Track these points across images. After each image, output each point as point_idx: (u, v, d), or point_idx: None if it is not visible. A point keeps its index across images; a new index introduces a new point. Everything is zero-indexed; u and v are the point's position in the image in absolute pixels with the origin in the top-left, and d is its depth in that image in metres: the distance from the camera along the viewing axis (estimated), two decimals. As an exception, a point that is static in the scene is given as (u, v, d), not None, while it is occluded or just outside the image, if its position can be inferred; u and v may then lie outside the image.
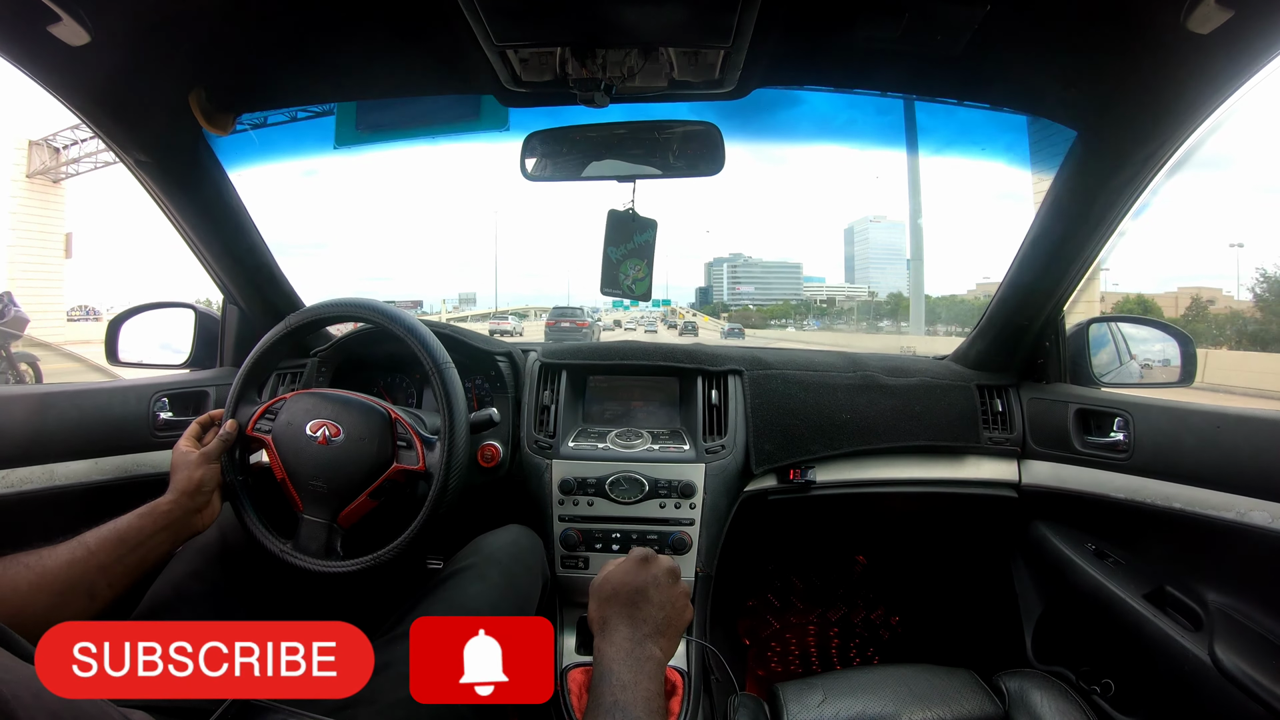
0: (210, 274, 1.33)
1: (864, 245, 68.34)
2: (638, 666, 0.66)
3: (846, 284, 63.07)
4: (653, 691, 0.64)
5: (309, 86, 1.07)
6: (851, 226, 70.02)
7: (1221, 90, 0.83)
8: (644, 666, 0.67)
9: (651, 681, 0.65)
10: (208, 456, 0.88)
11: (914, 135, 15.48)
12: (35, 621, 0.68)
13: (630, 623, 0.71)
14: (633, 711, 0.61)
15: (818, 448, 1.31)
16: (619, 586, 0.74)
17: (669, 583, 0.76)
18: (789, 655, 1.80)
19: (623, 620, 0.71)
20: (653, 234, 1.20)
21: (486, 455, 1.26)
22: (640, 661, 0.67)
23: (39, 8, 0.72)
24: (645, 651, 0.68)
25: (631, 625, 0.71)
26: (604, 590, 0.75)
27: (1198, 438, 1.00)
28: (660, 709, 0.64)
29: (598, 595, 0.75)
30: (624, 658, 0.67)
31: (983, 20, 0.82)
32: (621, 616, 0.72)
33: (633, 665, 0.66)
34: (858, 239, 69.81)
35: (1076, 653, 1.27)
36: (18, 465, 1.04)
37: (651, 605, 0.72)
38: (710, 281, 75.20)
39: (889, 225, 67.37)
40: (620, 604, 0.73)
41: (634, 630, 0.70)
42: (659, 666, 0.68)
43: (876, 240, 66.73)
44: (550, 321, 19.88)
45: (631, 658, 0.67)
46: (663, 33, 0.89)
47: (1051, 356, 1.34)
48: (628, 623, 0.71)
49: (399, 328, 0.96)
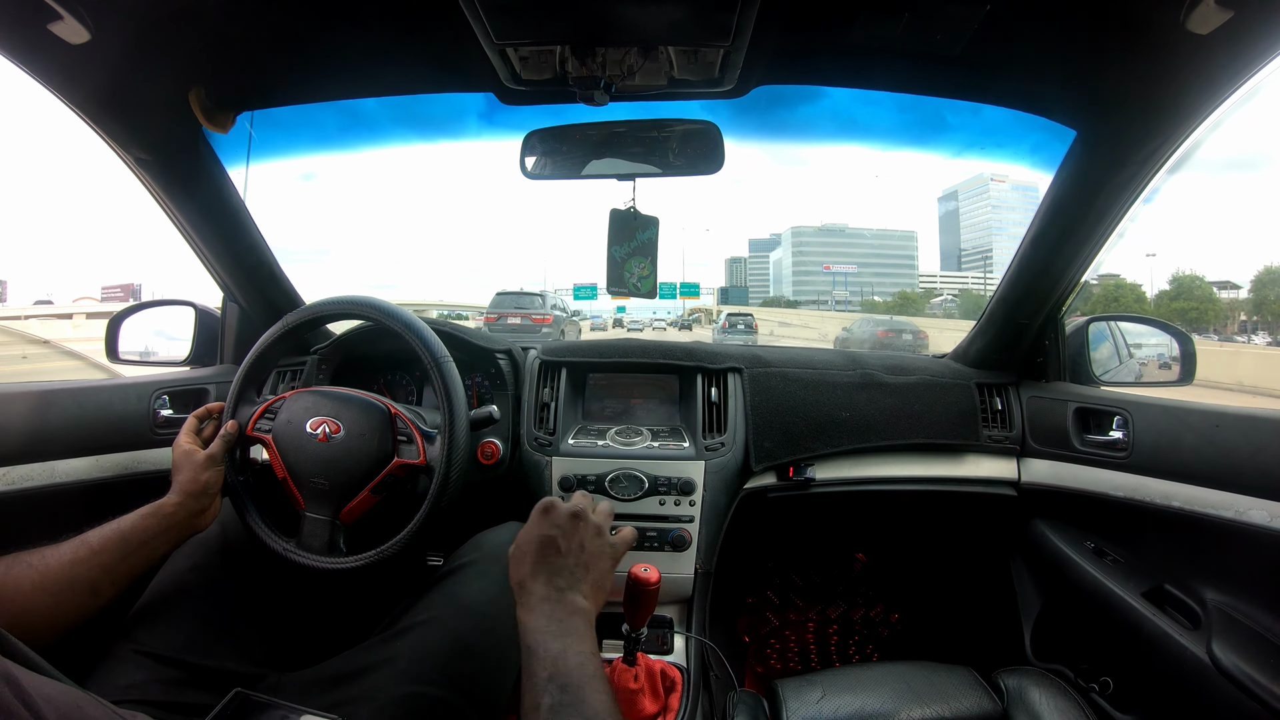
0: (210, 272, 1.34)
1: (978, 213, 51.84)
2: (563, 627, 0.61)
3: (940, 271, 47.69)
4: (586, 652, 0.59)
5: (309, 85, 1.07)
6: (955, 190, 53.31)
7: (1221, 90, 0.83)
8: (570, 624, 0.61)
9: (582, 641, 0.60)
10: (213, 459, 0.88)
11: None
12: (39, 619, 0.68)
13: (545, 579, 0.65)
14: (572, 679, 0.56)
15: (817, 445, 1.32)
16: (523, 544, 0.69)
17: (573, 527, 0.70)
18: (788, 652, 1.80)
19: (537, 579, 0.65)
20: (655, 231, 1.20)
21: (486, 452, 1.26)
22: (564, 620, 0.62)
23: (40, 6, 0.72)
24: (567, 605, 0.63)
25: (547, 581, 0.65)
26: (514, 555, 0.69)
27: (1197, 436, 1.00)
28: (598, 670, 0.58)
29: (510, 562, 0.70)
30: (546, 623, 0.61)
31: (982, 19, 0.82)
32: (534, 575, 0.66)
33: (558, 628, 0.61)
34: (964, 205, 53.73)
35: (1075, 650, 1.28)
36: (19, 462, 1.04)
37: (561, 554, 0.67)
38: (733, 280, 64.01)
39: (1018, 187, 48.71)
40: (530, 562, 0.67)
41: (549, 586, 0.65)
42: (587, 620, 0.63)
43: (1003, 203, 48.85)
44: (489, 317, 13.30)
45: (554, 619, 0.61)
46: (662, 31, 0.89)
47: (1051, 355, 1.35)
48: (543, 580, 0.65)
49: (397, 324, 0.96)
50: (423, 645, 0.80)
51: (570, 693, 0.54)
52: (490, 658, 0.83)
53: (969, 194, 56.47)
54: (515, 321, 12.84)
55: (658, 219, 1.20)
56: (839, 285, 56.35)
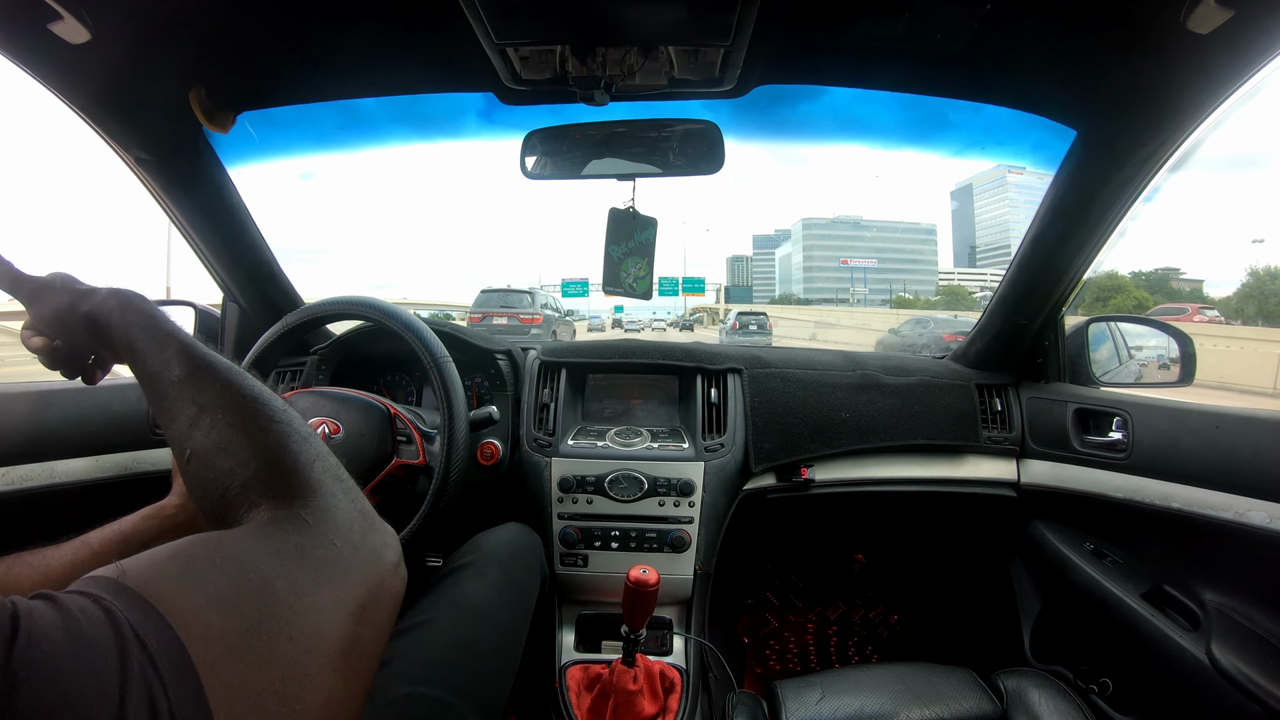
0: (210, 272, 1.33)
1: (993, 208, 48.61)
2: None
3: (956, 268, 44.60)
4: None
5: (309, 84, 1.07)
6: (969, 184, 49.85)
7: (1221, 90, 0.83)
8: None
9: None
10: None
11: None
12: None
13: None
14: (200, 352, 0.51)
15: (817, 446, 1.32)
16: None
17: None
18: (787, 653, 1.80)
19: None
20: (653, 232, 1.20)
21: (486, 453, 1.26)
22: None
23: (40, 6, 0.72)
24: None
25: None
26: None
27: (1196, 437, 1.00)
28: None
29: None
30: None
31: (983, 19, 0.82)
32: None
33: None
34: (979, 200, 50.29)
35: (1074, 652, 1.27)
36: (18, 463, 1.04)
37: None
38: (735, 280, 61.32)
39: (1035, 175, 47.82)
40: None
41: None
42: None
43: (1023, 192, 46.07)
44: (473, 317, 12.08)
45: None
46: (662, 31, 0.89)
47: (1051, 356, 1.35)
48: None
49: (397, 324, 0.97)
50: (422, 646, 0.80)
51: (199, 358, 0.51)
52: (489, 659, 0.83)
53: (984, 188, 54.29)
54: (501, 322, 12.13)
55: (656, 220, 1.20)
56: (858, 281, 53.57)
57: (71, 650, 0.26)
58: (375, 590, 0.41)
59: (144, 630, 0.28)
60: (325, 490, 0.45)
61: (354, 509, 0.45)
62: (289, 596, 0.35)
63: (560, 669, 1.14)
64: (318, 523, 0.41)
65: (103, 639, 0.27)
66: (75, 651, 0.26)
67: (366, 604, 0.40)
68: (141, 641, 0.28)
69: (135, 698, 0.26)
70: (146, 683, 0.27)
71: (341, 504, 0.44)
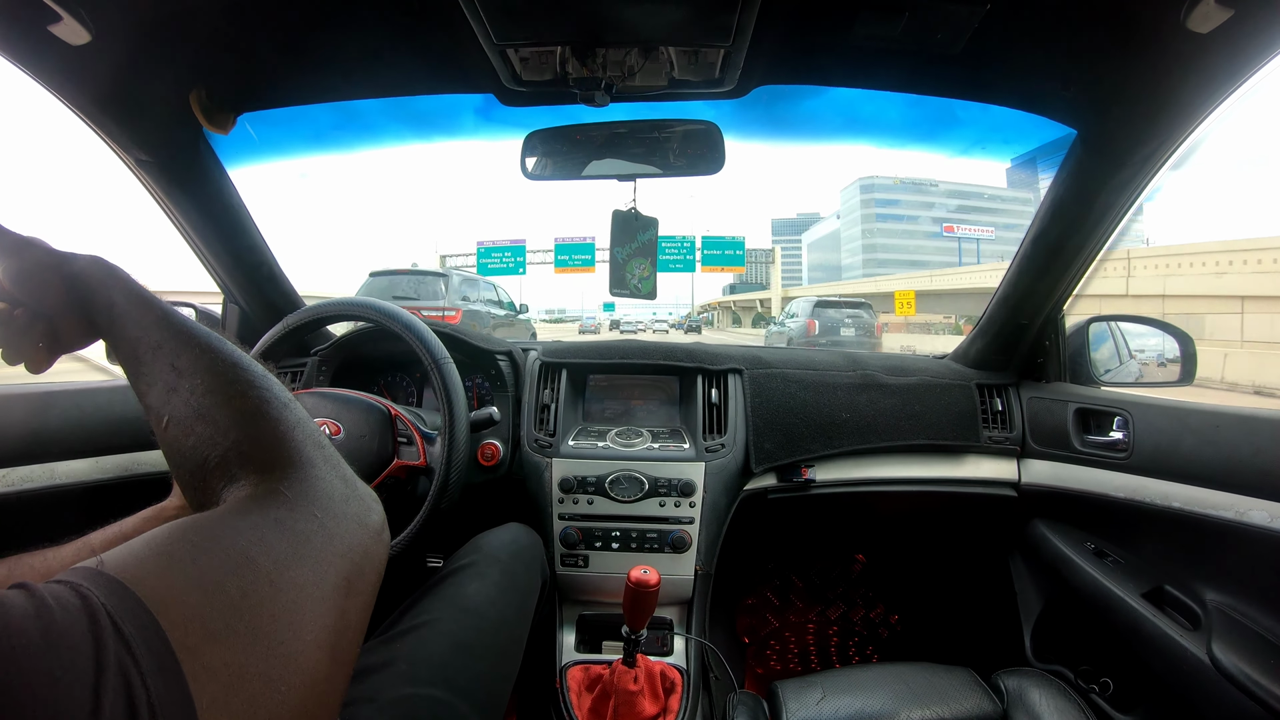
0: (210, 272, 1.34)
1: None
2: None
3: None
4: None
5: (309, 85, 1.07)
6: (1032, 155, 40.17)
7: (1221, 89, 0.83)
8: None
9: None
10: None
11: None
12: None
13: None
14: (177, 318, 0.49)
15: (817, 446, 1.32)
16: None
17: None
18: (788, 653, 1.80)
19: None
20: (655, 232, 1.21)
21: (487, 454, 1.26)
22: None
23: (40, 7, 0.72)
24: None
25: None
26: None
27: (1197, 437, 1.00)
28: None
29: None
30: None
31: (983, 19, 0.82)
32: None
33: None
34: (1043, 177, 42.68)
35: (1075, 652, 1.27)
36: (19, 464, 1.04)
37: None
38: (741, 278, 56.76)
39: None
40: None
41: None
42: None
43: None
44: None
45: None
46: (663, 32, 0.89)
47: (1051, 355, 1.34)
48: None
49: (398, 325, 0.97)
50: (422, 647, 0.80)
51: (178, 324, 0.49)
52: (490, 659, 0.83)
53: (1049, 160, 45.56)
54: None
55: (657, 220, 1.20)
56: (967, 255, 44.53)
57: (43, 641, 0.25)
58: (360, 560, 0.40)
59: (121, 616, 0.28)
60: (305, 458, 0.44)
61: (335, 475, 0.44)
62: (270, 572, 0.34)
63: (561, 669, 1.14)
64: (298, 495, 0.40)
65: (76, 628, 0.26)
66: (47, 643, 0.25)
67: (351, 575, 0.39)
68: (118, 628, 0.27)
69: (111, 688, 0.26)
70: (123, 671, 0.26)
71: (322, 472, 0.44)
